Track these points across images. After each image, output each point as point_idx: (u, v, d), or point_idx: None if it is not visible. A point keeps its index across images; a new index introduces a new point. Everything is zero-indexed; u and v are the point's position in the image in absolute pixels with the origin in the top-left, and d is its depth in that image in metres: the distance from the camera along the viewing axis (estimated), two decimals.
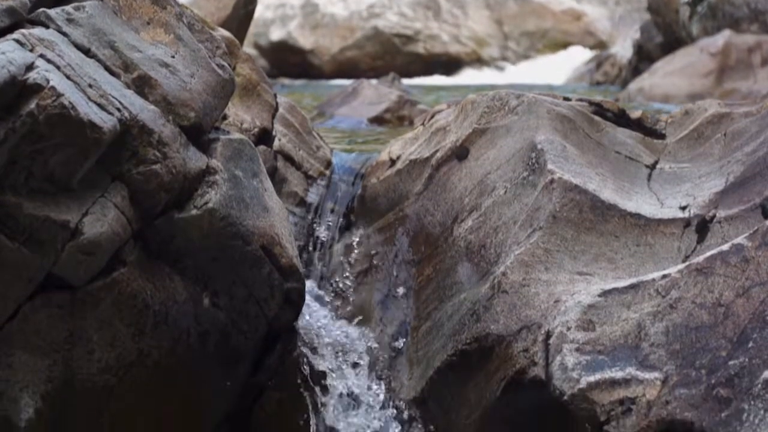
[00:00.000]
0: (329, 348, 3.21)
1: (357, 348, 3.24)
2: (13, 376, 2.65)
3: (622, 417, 2.56)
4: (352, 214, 3.68)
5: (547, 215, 3.03)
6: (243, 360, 3.04)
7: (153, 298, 2.83)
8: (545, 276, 2.94)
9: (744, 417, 2.36)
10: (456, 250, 3.22)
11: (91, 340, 2.75)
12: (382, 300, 3.39)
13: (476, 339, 2.97)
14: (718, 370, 2.48)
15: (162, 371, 2.87)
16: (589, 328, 2.72)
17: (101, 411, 2.80)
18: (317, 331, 3.27)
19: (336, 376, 3.15)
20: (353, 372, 3.18)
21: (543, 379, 2.74)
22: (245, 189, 2.98)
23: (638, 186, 3.20)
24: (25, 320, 2.65)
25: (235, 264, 2.95)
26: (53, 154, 2.56)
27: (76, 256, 2.65)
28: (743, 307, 2.56)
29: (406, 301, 3.32)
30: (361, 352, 3.23)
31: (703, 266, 2.67)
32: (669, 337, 2.62)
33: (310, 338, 3.22)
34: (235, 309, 2.97)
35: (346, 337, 3.28)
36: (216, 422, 3.10)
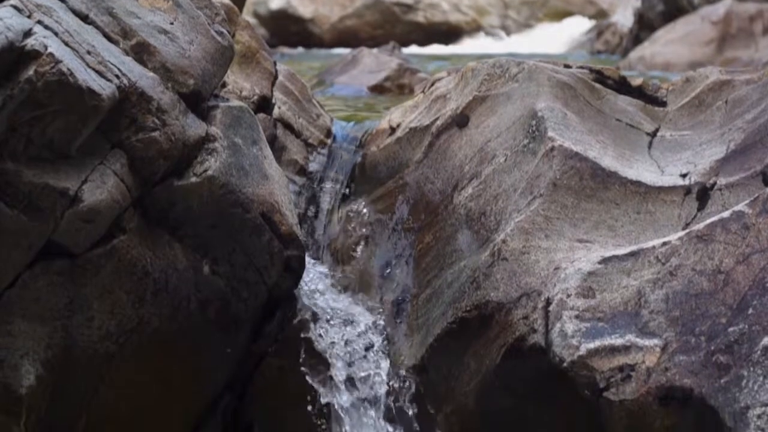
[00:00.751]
0: (329, 316, 3.21)
1: (357, 315, 3.24)
2: (13, 343, 2.66)
3: (622, 383, 2.57)
4: (352, 182, 3.67)
5: (548, 183, 3.02)
6: (243, 327, 3.05)
7: (153, 265, 2.83)
8: (545, 243, 2.94)
9: (743, 383, 2.36)
10: (456, 217, 3.22)
11: (91, 307, 2.75)
12: (382, 268, 3.39)
13: (476, 306, 2.97)
14: (717, 337, 2.48)
15: (162, 338, 2.88)
16: (588, 295, 2.72)
17: (102, 378, 2.81)
18: (317, 299, 3.28)
19: (336, 343, 3.15)
20: (353, 339, 3.18)
21: (543, 346, 2.74)
22: (245, 156, 2.98)
23: (639, 153, 3.19)
24: (24, 288, 2.65)
25: (234, 231, 2.95)
26: (52, 121, 2.55)
27: (75, 224, 2.64)
28: (743, 274, 2.56)
29: (406, 268, 3.32)
30: (360, 320, 3.23)
31: (704, 233, 2.67)
32: (669, 304, 2.62)
33: (310, 306, 3.22)
34: (235, 276, 2.98)
35: (346, 305, 3.28)
36: (216, 389, 3.11)
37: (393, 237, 3.43)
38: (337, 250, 3.53)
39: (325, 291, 3.33)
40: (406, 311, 3.25)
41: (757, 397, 2.32)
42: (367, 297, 3.34)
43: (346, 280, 3.40)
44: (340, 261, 3.50)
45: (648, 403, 2.51)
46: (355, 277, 3.42)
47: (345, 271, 3.46)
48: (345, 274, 3.44)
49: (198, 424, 3.11)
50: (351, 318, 3.23)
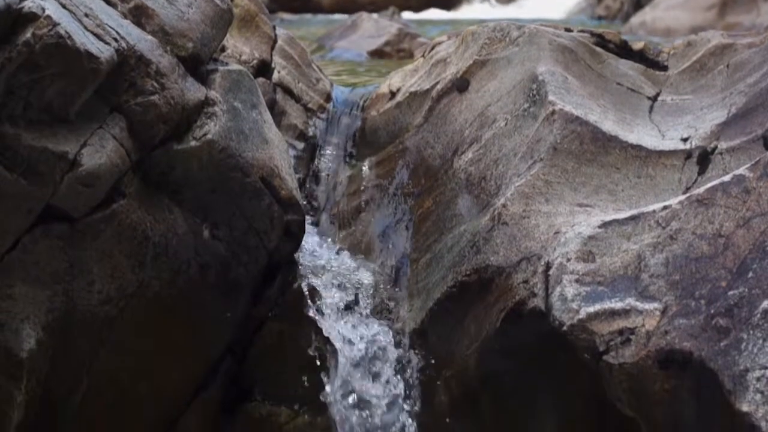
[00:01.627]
0: (329, 280, 3.21)
1: (357, 280, 3.24)
2: (13, 307, 2.66)
3: (621, 347, 2.57)
4: (352, 147, 3.66)
5: (548, 147, 3.01)
6: (243, 291, 3.05)
7: (153, 229, 2.82)
8: (545, 207, 2.93)
9: (743, 346, 2.36)
10: (456, 182, 3.21)
11: (91, 271, 2.75)
12: (382, 232, 3.39)
13: (476, 270, 2.97)
14: (717, 301, 2.48)
15: (162, 303, 2.88)
16: (588, 259, 2.72)
17: (102, 342, 2.82)
18: (317, 263, 3.28)
19: (336, 308, 3.16)
20: (353, 304, 3.19)
21: (542, 310, 2.74)
22: (244, 120, 2.97)
23: (640, 118, 3.18)
24: (24, 252, 2.65)
25: (234, 196, 2.94)
26: (50, 85, 2.54)
27: (75, 188, 2.64)
28: (743, 237, 2.55)
29: (406, 233, 3.32)
30: (361, 284, 3.23)
31: (704, 197, 2.66)
32: (669, 267, 2.61)
33: (311, 270, 3.22)
34: (235, 241, 2.97)
35: (346, 269, 3.28)
36: (217, 354, 3.11)
37: (393, 202, 3.42)
38: (337, 214, 3.52)
39: (325, 255, 3.33)
40: (406, 275, 3.25)
41: (757, 360, 2.32)
42: (367, 261, 3.34)
43: (346, 245, 3.40)
44: (340, 225, 3.50)
45: (647, 366, 2.52)
46: (355, 241, 3.42)
47: (345, 235, 3.46)
48: (345, 239, 3.44)
49: (198, 387, 3.12)
50: (351, 282, 3.23)
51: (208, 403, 3.15)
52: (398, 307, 3.22)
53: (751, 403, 2.27)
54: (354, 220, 3.48)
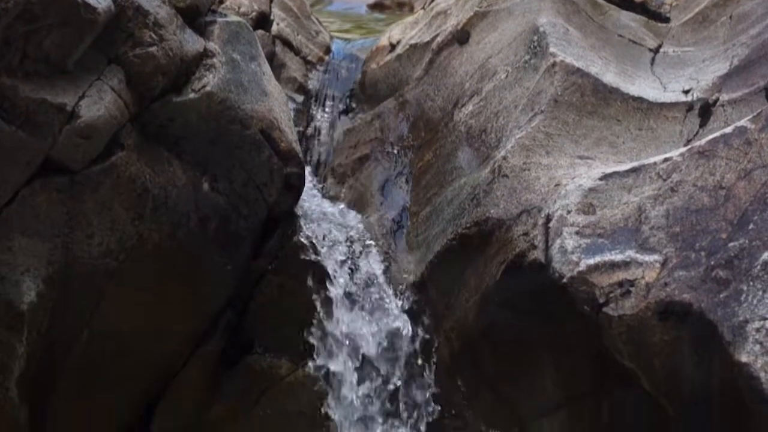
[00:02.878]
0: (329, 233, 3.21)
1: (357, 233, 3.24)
2: (13, 259, 2.66)
3: (621, 299, 2.57)
4: (352, 100, 3.65)
5: (549, 99, 3.00)
6: (243, 244, 3.05)
7: (152, 182, 2.82)
8: (546, 160, 2.92)
9: (742, 298, 2.36)
10: (456, 135, 3.20)
11: (90, 224, 2.75)
12: (382, 185, 3.38)
13: (476, 223, 2.96)
14: (717, 252, 2.48)
15: (162, 255, 2.88)
16: (589, 211, 2.72)
17: (102, 295, 2.82)
18: (317, 216, 3.27)
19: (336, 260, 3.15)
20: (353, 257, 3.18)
21: (542, 263, 2.74)
22: (243, 72, 2.95)
23: (641, 70, 3.16)
24: (23, 204, 2.65)
25: (234, 148, 2.93)
26: (47, 35, 2.52)
27: (73, 140, 2.63)
28: (744, 189, 2.54)
29: (406, 186, 3.31)
30: (360, 237, 3.23)
31: (705, 149, 2.65)
32: (669, 219, 2.61)
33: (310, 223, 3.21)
34: (234, 193, 2.97)
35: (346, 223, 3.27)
36: (217, 306, 3.12)
37: (393, 155, 3.41)
38: (336, 167, 3.52)
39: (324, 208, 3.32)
40: (405, 228, 3.25)
41: (756, 311, 2.32)
42: (366, 214, 3.33)
43: (346, 198, 3.40)
44: (339, 179, 3.49)
45: (647, 318, 2.52)
46: (354, 194, 3.41)
47: (344, 188, 3.45)
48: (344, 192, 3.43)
49: (199, 340, 3.13)
50: (350, 235, 3.23)
51: (209, 356, 3.16)
52: (398, 259, 3.22)
53: (750, 353, 2.27)
54: (353, 174, 3.47)
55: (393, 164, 3.39)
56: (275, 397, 3.21)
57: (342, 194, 3.45)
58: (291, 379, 3.20)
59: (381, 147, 3.45)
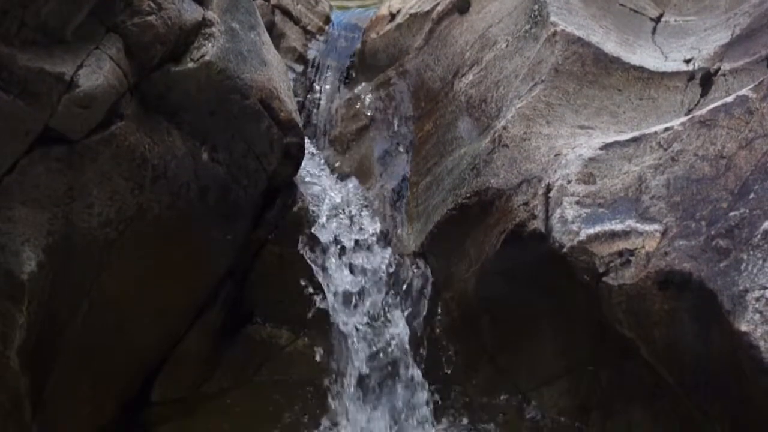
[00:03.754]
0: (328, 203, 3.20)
1: (356, 203, 3.24)
2: (14, 229, 2.65)
3: (621, 268, 2.57)
4: (352, 70, 3.63)
5: (549, 68, 2.98)
6: (243, 214, 3.05)
7: (151, 152, 2.81)
8: (546, 130, 2.91)
9: (742, 267, 2.36)
10: (456, 104, 3.19)
11: (90, 194, 2.74)
12: (382, 156, 3.38)
13: (476, 193, 2.96)
14: (718, 222, 2.48)
15: (162, 226, 2.88)
16: (589, 181, 2.71)
17: (102, 265, 2.82)
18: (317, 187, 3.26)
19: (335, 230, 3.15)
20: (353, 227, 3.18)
21: (542, 232, 2.74)
22: (242, 42, 2.93)
23: (642, 39, 3.14)
24: (23, 174, 2.63)
25: (233, 118, 2.92)
26: (45, 4, 2.50)
27: (72, 109, 2.61)
28: (745, 158, 2.54)
29: (406, 156, 3.30)
30: (360, 207, 3.22)
31: (706, 118, 2.64)
32: (670, 189, 2.60)
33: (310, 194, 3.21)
34: (234, 163, 2.96)
35: (346, 193, 3.27)
36: (217, 277, 3.12)
37: (393, 125, 3.40)
38: (336, 138, 3.51)
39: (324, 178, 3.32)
40: (405, 198, 3.25)
41: (756, 281, 2.32)
42: (366, 184, 3.33)
43: (346, 168, 3.39)
44: (339, 149, 3.48)
45: (647, 287, 2.52)
46: (354, 164, 3.41)
47: (344, 158, 3.44)
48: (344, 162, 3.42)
49: (199, 310, 3.14)
50: (350, 205, 3.23)
51: (209, 326, 3.17)
52: (398, 229, 3.22)
53: (749, 323, 2.27)
54: (353, 144, 3.46)
55: (393, 134, 3.38)
56: (275, 366, 3.22)
57: (341, 164, 3.44)
58: (291, 348, 3.20)
59: (381, 117, 3.44)
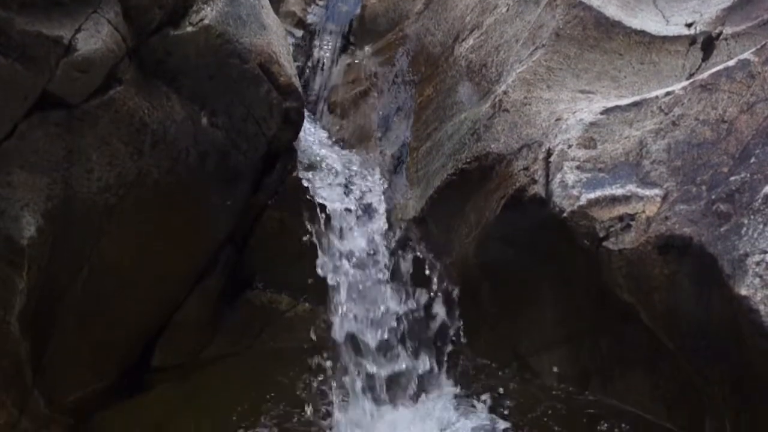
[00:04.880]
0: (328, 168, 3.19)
1: (356, 168, 3.23)
2: (13, 194, 2.64)
3: (621, 233, 2.57)
4: (352, 35, 3.61)
5: (550, 32, 2.97)
6: (243, 179, 3.04)
7: (151, 117, 2.80)
8: (547, 94, 2.90)
9: (743, 231, 2.36)
10: (457, 69, 3.17)
11: (90, 159, 2.73)
12: (382, 121, 3.37)
13: (476, 158, 2.95)
14: (718, 186, 2.47)
15: (162, 191, 2.87)
16: (590, 145, 2.70)
17: (102, 230, 2.82)
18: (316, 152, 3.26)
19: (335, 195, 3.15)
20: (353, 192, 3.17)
21: (543, 197, 2.73)
22: (242, 6, 2.91)
23: (644, 3, 3.12)
24: (22, 138, 2.63)
25: (232, 83, 2.91)
26: None
27: (70, 73, 2.60)
28: (747, 123, 2.53)
29: (406, 121, 3.29)
30: (360, 173, 3.22)
31: (708, 82, 2.63)
32: (670, 154, 2.60)
33: (310, 158, 3.20)
34: (233, 128, 2.95)
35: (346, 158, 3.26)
36: (217, 242, 3.12)
37: (393, 90, 3.39)
38: (336, 103, 3.49)
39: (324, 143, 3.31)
40: (405, 164, 3.24)
41: (757, 245, 2.31)
42: (366, 150, 3.32)
43: (346, 133, 3.38)
44: (339, 114, 3.47)
45: (647, 251, 2.52)
46: (354, 130, 3.40)
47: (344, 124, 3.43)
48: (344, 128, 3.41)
49: (199, 276, 3.14)
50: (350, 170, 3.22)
51: (209, 291, 3.17)
52: (398, 194, 3.21)
53: (749, 287, 2.27)
54: (353, 109, 3.45)
55: (393, 99, 3.37)
56: (275, 332, 3.22)
57: (341, 129, 3.43)
58: (291, 314, 3.21)
59: (381, 82, 3.43)
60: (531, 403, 2.91)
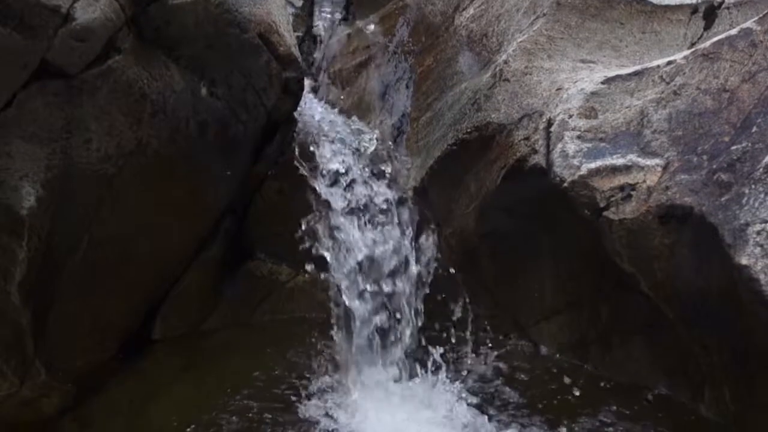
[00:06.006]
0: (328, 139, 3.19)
1: (356, 139, 3.22)
2: (12, 164, 2.64)
3: (622, 203, 2.57)
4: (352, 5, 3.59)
5: (551, 1, 2.95)
6: (243, 150, 3.03)
7: (150, 86, 2.79)
8: (548, 64, 2.89)
9: (744, 201, 2.35)
10: (457, 39, 3.16)
11: (89, 129, 2.72)
12: (382, 91, 3.35)
13: (477, 128, 2.94)
14: (719, 156, 2.47)
15: (162, 161, 2.86)
16: (591, 115, 2.69)
17: (102, 200, 2.81)
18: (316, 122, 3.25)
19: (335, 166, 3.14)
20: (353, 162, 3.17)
21: (543, 167, 2.73)
22: None
23: None
24: (21, 108, 2.62)
25: (232, 52, 2.89)
26: None
27: (69, 42, 2.59)
28: (749, 92, 2.52)
29: (406, 92, 3.28)
30: (360, 143, 3.21)
31: (710, 51, 2.62)
32: (672, 123, 2.59)
33: (309, 129, 3.19)
34: (233, 98, 2.94)
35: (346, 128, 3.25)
36: (217, 212, 3.11)
37: (393, 60, 3.37)
38: (336, 73, 3.48)
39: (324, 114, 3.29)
40: (405, 134, 3.23)
41: (758, 214, 2.31)
42: (366, 120, 3.31)
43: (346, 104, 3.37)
44: (339, 84, 3.46)
45: (648, 221, 2.52)
46: (354, 100, 3.39)
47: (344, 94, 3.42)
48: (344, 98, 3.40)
49: (200, 246, 3.13)
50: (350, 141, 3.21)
51: (210, 261, 3.17)
52: (398, 165, 3.21)
53: (750, 256, 2.27)
54: (353, 79, 3.44)
55: (393, 70, 3.36)
56: (276, 302, 3.22)
57: (341, 100, 3.42)
58: (291, 284, 3.21)
59: (381, 52, 3.41)
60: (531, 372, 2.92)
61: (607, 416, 2.69)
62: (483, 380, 2.91)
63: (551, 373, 2.90)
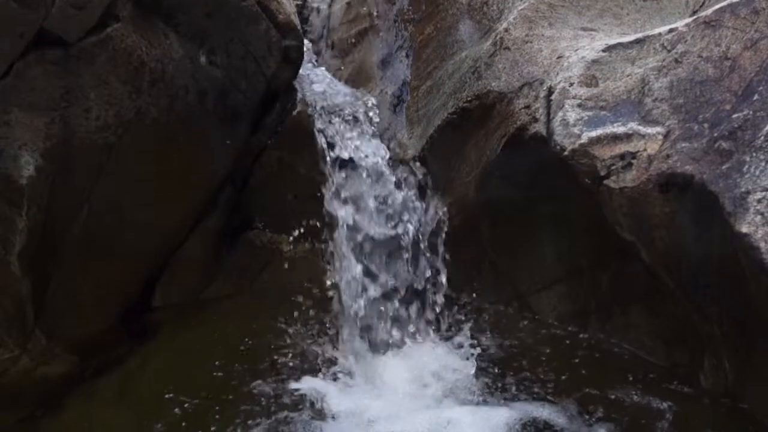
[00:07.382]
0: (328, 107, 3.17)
1: (356, 107, 3.21)
2: (11, 133, 2.63)
3: (623, 171, 2.56)
4: None
5: None
6: (242, 119, 3.02)
7: (148, 55, 2.77)
8: (549, 32, 2.87)
9: (745, 169, 2.35)
10: (458, 7, 3.14)
11: (87, 98, 2.72)
12: (382, 60, 3.34)
13: (477, 96, 2.93)
14: (721, 124, 2.45)
15: (161, 130, 2.86)
16: (591, 83, 2.68)
17: (101, 168, 2.81)
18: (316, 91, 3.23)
19: (335, 135, 3.13)
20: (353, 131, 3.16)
21: (544, 135, 2.72)
22: None
23: None
24: (19, 77, 2.61)
25: (231, 20, 2.88)
26: None
27: (66, 10, 2.57)
28: (750, 60, 2.50)
29: (406, 60, 3.26)
30: (360, 112, 3.20)
31: (711, 19, 2.60)
32: (673, 91, 2.58)
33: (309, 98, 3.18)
34: (232, 67, 2.93)
35: (345, 97, 3.24)
36: (217, 181, 3.11)
37: (393, 29, 3.35)
38: (336, 41, 3.46)
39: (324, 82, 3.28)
40: (406, 103, 3.22)
41: (758, 182, 2.31)
42: (366, 89, 3.29)
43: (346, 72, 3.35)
44: (339, 53, 3.44)
45: (648, 189, 2.51)
46: (354, 69, 3.37)
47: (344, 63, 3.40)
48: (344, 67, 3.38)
49: (200, 216, 3.13)
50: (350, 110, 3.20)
51: (210, 231, 3.17)
52: (398, 134, 3.20)
53: (750, 224, 2.26)
54: (353, 47, 3.42)
55: (393, 38, 3.34)
56: (276, 272, 3.22)
57: (341, 69, 3.41)
58: (291, 254, 3.21)
59: (381, 21, 3.39)
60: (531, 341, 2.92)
61: (608, 385, 2.70)
62: (480, 348, 2.92)
63: (551, 341, 2.90)
